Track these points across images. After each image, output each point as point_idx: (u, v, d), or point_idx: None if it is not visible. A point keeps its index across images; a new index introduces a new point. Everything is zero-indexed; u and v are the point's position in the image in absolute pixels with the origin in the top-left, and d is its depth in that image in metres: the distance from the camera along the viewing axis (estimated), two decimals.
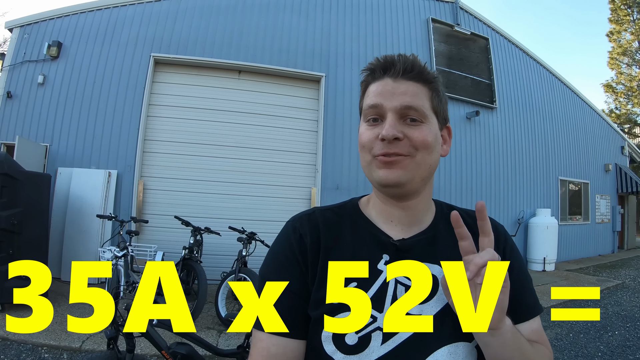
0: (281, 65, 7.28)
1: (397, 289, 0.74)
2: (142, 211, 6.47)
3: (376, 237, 0.79)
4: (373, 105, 0.76)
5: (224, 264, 6.02)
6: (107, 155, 6.38)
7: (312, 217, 0.82)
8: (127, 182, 6.37)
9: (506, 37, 10.19)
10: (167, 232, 6.35)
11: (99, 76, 6.53)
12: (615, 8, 27.11)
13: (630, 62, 27.05)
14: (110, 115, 6.46)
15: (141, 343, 3.34)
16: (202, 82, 7.04)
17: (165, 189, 6.64)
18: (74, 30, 6.63)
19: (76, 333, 3.86)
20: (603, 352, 4.29)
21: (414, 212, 0.81)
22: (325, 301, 0.72)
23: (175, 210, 6.07)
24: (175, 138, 6.77)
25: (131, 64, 6.64)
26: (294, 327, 0.73)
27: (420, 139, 0.74)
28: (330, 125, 7.40)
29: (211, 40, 7.03)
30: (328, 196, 7.14)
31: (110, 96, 6.51)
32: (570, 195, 11.58)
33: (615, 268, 10.09)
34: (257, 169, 7.00)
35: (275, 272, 0.77)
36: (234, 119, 7.04)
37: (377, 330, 0.71)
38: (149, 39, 6.75)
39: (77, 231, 5.87)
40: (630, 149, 15.28)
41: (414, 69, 0.77)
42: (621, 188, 13.78)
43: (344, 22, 8.01)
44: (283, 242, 0.79)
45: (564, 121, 11.47)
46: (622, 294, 7.10)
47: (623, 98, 27.45)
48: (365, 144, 0.77)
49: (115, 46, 6.65)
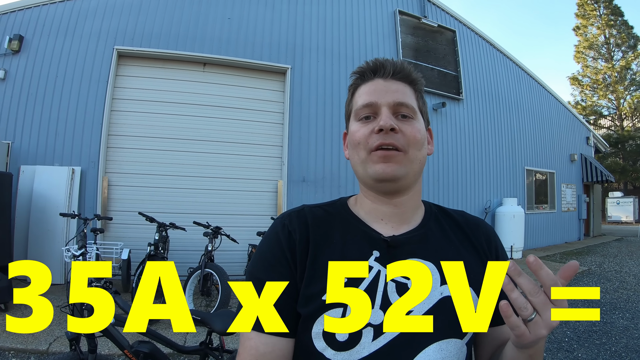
0: (247, 57, 7.17)
1: (388, 286, 0.73)
2: (107, 208, 6.30)
3: (366, 234, 0.79)
4: (367, 104, 0.78)
5: (191, 259, 5.95)
6: (71, 151, 6.18)
7: (301, 213, 0.82)
8: (92, 179, 6.19)
9: (473, 29, 10.31)
10: (134, 228, 6.19)
11: (62, 70, 6.31)
12: (582, 3, 27.95)
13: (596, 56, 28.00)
14: (73, 111, 6.26)
15: (102, 344, 3.25)
16: (167, 75, 6.86)
17: (130, 185, 6.47)
18: (36, 23, 6.38)
19: (43, 336, 3.75)
20: (570, 337, 4.40)
21: (404, 210, 0.81)
22: (315, 298, 0.72)
23: (140, 207, 5.92)
24: (140, 133, 6.60)
25: (94, 58, 6.43)
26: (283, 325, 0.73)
27: (412, 134, 0.76)
28: (296, 118, 7.35)
29: (175, 32, 6.85)
30: (294, 189, 7.10)
31: (73, 91, 6.30)
32: (537, 185, 11.88)
33: (581, 255, 10.44)
34: (222, 162, 6.89)
35: (264, 270, 0.76)
36: (199, 112, 6.91)
37: (368, 326, 0.70)
38: (112, 32, 6.55)
39: (42, 230, 5.68)
40: (595, 139, 15.78)
41: (403, 71, 0.80)
42: (586, 177, 14.23)
43: (310, 13, 7.93)
44: (271, 240, 0.79)
45: (530, 112, 11.74)
46: (588, 280, 7.34)
47: (589, 90, 28.42)
48: (360, 140, 0.77)
49: (77, 39, 6.42)
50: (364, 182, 0.81)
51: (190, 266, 5.41)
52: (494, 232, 0.89)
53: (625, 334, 4.45)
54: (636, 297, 6.05)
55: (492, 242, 0.84)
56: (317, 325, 0.71)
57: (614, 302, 5.78)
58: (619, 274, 7.96)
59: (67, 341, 3.59)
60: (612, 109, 28.04)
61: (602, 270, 8.27)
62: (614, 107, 27.85)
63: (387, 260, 0.75)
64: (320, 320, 0.71)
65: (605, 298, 6.02)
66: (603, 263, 9.17)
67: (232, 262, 6.14)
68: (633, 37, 26.90)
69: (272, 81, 7.48)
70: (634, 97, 26.96)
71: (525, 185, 11.19)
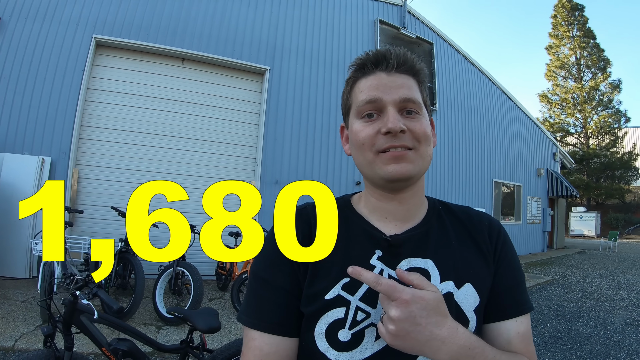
0: (226, 55, 7.15)
1: None
2: (76, 201, 6.12)
3: (369, 233, 0.77)
4: (370, 100, 0.73)
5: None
6: (42, 140, 5.97)
7: (303, 212, 0.80)
8: (61, 170, 5.99)
9: (450, 42, 10.61)
10: (102, 223, 6.06)
11: (37, 56, 6.08)
12: (556, 24, 28.99)
13: (566, 75, 29.08)
14: (46, 98, 6.05)
15: (79, 341, 3.16)
16: (145, 69, 6.76)
17: (101, 179, 6.32)
18: (14, 5, 6.12)
19: (8, 332, 3.63)
20: (536, 342, 4.56)
21: (409, 206, 0.80)
22: (317, 297, 0.71)
23: (111, 201, 5.79)
24: (114, 125, 6.46)
25: (71, 45, 6.24)
26: (288, 325, 0.72)
27: (421, 130, 0.73)
28: (272, 119, 7.38)
29: (156, 25, 6.75)
30: (267, 190, 7.13)
31: (47, 77, 6.09)
32: (504, 197, 12.30)
33: (545, 266, 10.84)
34: (196, 160, 6.85)
35: (267, 269, 0.75)
36: (175, 108, 6.84)
37: (370, 326, 0.70)
38: (92, 20, 6.38)
39: (8, 221, 5.43)
40: (562, 155, 16.42)
41: (407, 63, 0.75)
42: (552, 191, 14.79)
43: (292, 16, 8.00)
44: (274, 239, 0.77)
45: (501, 126, 12.15)
46: (552, 290, 7.64)
47: (557, 108, 29.47)
48: (365, 141, 0.74)
49: (56, 25, 6.21)
50: (372, 182, 0.79)
51: (160, 265, 5.36)
52: (499, 226, 0.86)
53: (590, 340, 4.68)
54: (599, 307, 6.34)
55: (493, 237, 0.82)
56: (319, 325, 0.71)
57: (578, 311, 6.02)
58: (582, 284, 8.30)
59: (34, 338, 3.53)
60: (579, 127, 29.14)
61: (565, 281, 8.62)
62: (581, 125, 28.96)
63: (389, 259, 0.74)
64: (323, 320, 0.70)
65: (569, 307, 6.27)
66: (566, 274, 9.56)
67: (202, 262, 6.01)
68: (603, 60, 28.02)
69: (251, 81, 7.49)
70: (600, 117, 28.11)
71: (493, 196, 11.56)
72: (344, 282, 0.72)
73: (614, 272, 10.14)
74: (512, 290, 0.79)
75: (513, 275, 0.80)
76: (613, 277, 9.27)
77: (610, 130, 28.05)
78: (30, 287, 5.04)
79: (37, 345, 3.45)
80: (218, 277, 5.97)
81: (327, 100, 8.05)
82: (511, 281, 0.79)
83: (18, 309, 4.25)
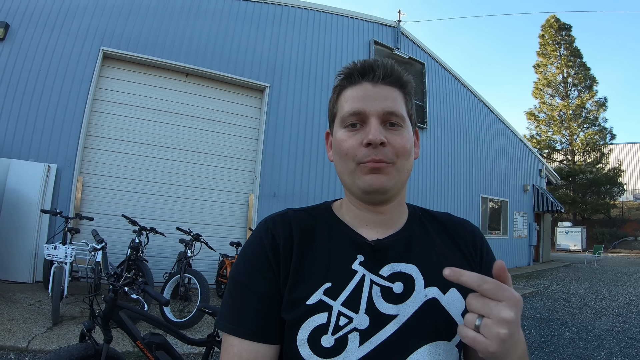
0: (228, 72, 7.45)
1: (373, 289, 0.72)
2: (80, 209, 6.24)
3: (351, 238, 0.77)
4: (355, 112, 0.74)
5: (166, 265, 6.07)
6: (48, 148, 6.06)
7: (285, 217, 0.80)
8: (67, 178, 6.10)
9: (441, 63, 11.07)
10: (106, 231, 6.13)
11: (45, 64, 6.18)
12: (544, 43, 29.69)
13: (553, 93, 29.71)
14: (53, 107, 6.15)
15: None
16: (149, 82, 6.99)
17: (105, 187, 6.48)
18: (24, 13, 6.20)
19: (20, 333, 3.77)
20: None
21: (389, 216, 0.80)
22: (299, 303, 0.70)
23: (114, 210, 6.02)
24: (119, 136, 6.64)
25: (79, 56, 6.37)
26: (268, 332, 0.70)
27: (401, 145, 0.73)
28: (271, 135, 7.70)
29: (162, 40, 6.99)
30: (265, 203, 7.42)
31: (55, 86, 6.20)
32: (491, 212, 12.70)
33: (531, 278, 11.17)
34: (197, 172, 7.10)
35: (247, 275, 0.74)
36: (178, 121, 7.09)
37: (353, 331, 0.68)
38: (100, 32, 6.54)
39: (12, 226, 5.52)
40: (548, 172, 16.87)
41: (393, 74, 0.76)
42: (538, 207, 15.21)
43: (292, 35, 8.35)
44: (255, 244, 0.76)
45: (488, 144, 12.60)
46: (537, 300, 7.96)
47: (544, 125, 30.04)
48: (348, 151, 0.74)
49: (65, 35, 6.34)
50: (350, 192, 0.79)
51: (165, 272, 5.55)
52: (480, 233, 0.87)
53: (572, 344, 4.97)
54: (581, 315, 6.66)
55: (477, 243, 0.83)
56: (302, 331, 0.69)
57: (561, 319, 6.33)
58: (566, 295, 8.62)
59: (46, 339, 3.74)
60: (565, 144, 29.71)
61: (550, 292, 8.94)
62: (567, 142, 29.52)
63: (371, 264, 0.74)
64: (305, 326, 0.69)
65: (553, 315, 6.58)
66: (551, 285, 9.89)
67: (203, 271, 6.17)
68: (590, 78, 28.66)
69: (251, 97, 7.81)
70: (586, 134, 28.69)
71: (480, 211, 11.95)
72: (326, 287, 0.71)
73: (598, 283, 10.49)
74: None
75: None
76: (596, 288, 9.62)
77: (596, 147, 28.60)
78: (34, 291, 5.19)
79: (50, 346, 3.61)
80: (218, 285, 6.22)
81: (324, 117, 8.37)
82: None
83: (27, 311, 4.40)
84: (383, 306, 0.70)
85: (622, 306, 7.54)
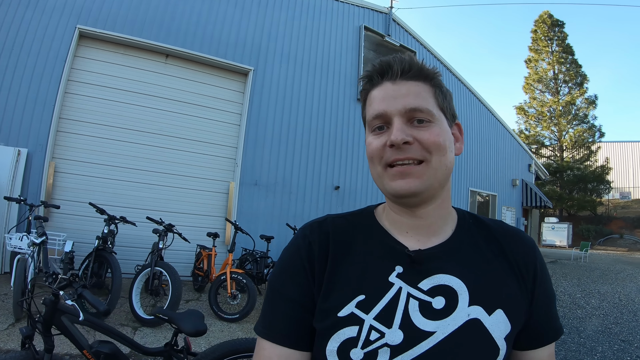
0: (210, 54, 7.10)
1: (410, 303, 0.68)
2: (52, 196, 5.94)
3: (390, 247, 0.73)
4: (378, 115, 0.71)
5: (138, 256, 5.80)
6: (18, 131, 5.74)
7: (323, 224, 0.78)
8: (37, 163, 5.78)
9: (432, 52, 10.82)
10: (78, 220, 5.91)
11: (18, 42, 5.84)
12: (536, 38, 29.77)
13: (544, 89, 29.89)
14: (25, 87, 5.82)
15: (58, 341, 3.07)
16: (127, 63, 6.64)
17: (79, 173, 6.17)
18: None
19: None
20: None
21: (430, 222, 0.75)
22: (331, 313, 0.69)
23: (88, 197, 5.67)
24: (94, 119, 6.31)
25: (54, 34, 6.03)
26: (299, 338, 0.71)
27: (431, 140, 0.69)
28: (254, 121, 7.38)
29: (141, 19, 6.63)
30: (246, 191, 7.13)
31: (27, 66, 5.86)
32: (479, 205, 12.58)
33: None
34: (176, 158, 6.78)
35: (283, 282, 0.74)
36: (156, 104, 6.75)
37: (384, 346, 0.65)
38: (77, 9, 6.19)
39: None
40: (537, 167, 16.86)
41: (412, 68, 0.72)
42: (526, 202, 15.18)
43: (279, 18, 8.00)
44: (292, 250, 0.77)
45: (478, 136, 12.43)
46: None
47: (533, 121, 30.29)
48: (373, 154, 0.72)
49: (40, 12, 5.99)
50: (386, 195, 0.76)
51: (137, 264, 5.27)
52: (535, 246, 0.80)
53: (563, 347, 4.84)
54: (572, 314, 6.55)
55: (530, 259, 0.76)
56: (331, 342, 0.67)
57: None
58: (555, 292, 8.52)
59: (7, 338, 3.40)
60: (554, 140, 29.93)
61: None
62: (556, 138, 29.74)
63: (410, 276, 0.70)
64: (335, 337, 0.67)
65: None
66: None
67: (178, 262, 5.95)
68: (580, 75, 28.84)
69: (234, 81, 7.48)
70: (575, 131, 28.94)
71: (469, 205, 11.81)
72: (359, 300, 0.69)
73: (586, 281, 10.44)
74: (548, 316, 0.76)
75: (549, 300, 0.78)
76: (585, 287, 9.56)
77: (585, 144, 28.89)
78: (1, 283, 4.87)
79: (10, 345, 3.33)
80: (195, 278, 5.92)
81: (309, 103, 8.10)
82: (547, 307, 0.77)
83: None
84: (420, 321, 0.66)
85: (612, 306, 7.44)
